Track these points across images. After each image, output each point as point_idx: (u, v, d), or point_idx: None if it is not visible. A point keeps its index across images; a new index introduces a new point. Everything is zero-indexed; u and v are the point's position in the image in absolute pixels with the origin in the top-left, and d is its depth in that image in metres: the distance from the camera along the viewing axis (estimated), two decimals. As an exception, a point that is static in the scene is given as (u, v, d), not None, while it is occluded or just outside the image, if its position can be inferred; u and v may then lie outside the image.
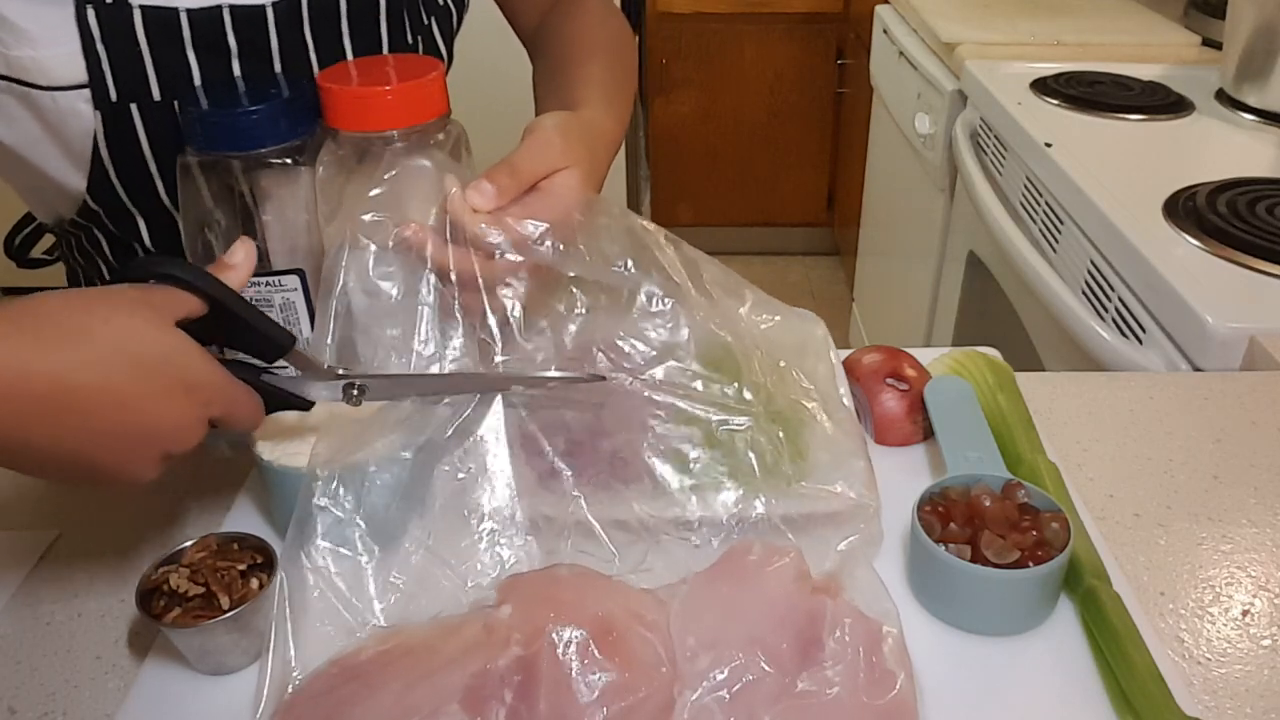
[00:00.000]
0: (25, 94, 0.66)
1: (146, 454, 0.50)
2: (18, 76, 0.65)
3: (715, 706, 0.50)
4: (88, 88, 0.66)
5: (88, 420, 0.47)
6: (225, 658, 0.55)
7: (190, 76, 0.68)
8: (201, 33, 0.68)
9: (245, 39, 0.70)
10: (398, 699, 0.50)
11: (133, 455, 0.49)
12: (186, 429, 0.51)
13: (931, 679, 0.54)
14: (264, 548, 0.57)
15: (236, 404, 0.54)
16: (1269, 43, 1.35)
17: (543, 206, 0.62)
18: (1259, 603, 0.60)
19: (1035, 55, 1.60)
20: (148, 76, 0.67)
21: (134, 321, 0.49)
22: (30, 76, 0.65)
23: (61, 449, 0.47)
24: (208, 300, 0.53)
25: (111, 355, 0.47)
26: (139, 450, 0.49)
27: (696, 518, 0.61)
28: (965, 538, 0.58)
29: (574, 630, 0.52)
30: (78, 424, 0.47)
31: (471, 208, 0.61)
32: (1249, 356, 0.85)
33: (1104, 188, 1.12)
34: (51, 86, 0.66)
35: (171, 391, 0.49)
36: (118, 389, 0.47)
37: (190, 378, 0.50)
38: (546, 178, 0.64)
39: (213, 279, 0.53)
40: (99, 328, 0.48)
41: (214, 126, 0.63)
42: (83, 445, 0.48)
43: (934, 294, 1.78)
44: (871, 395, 0.73)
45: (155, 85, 0.68)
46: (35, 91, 0.66)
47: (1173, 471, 0.72)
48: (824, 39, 2.86)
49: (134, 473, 0.50)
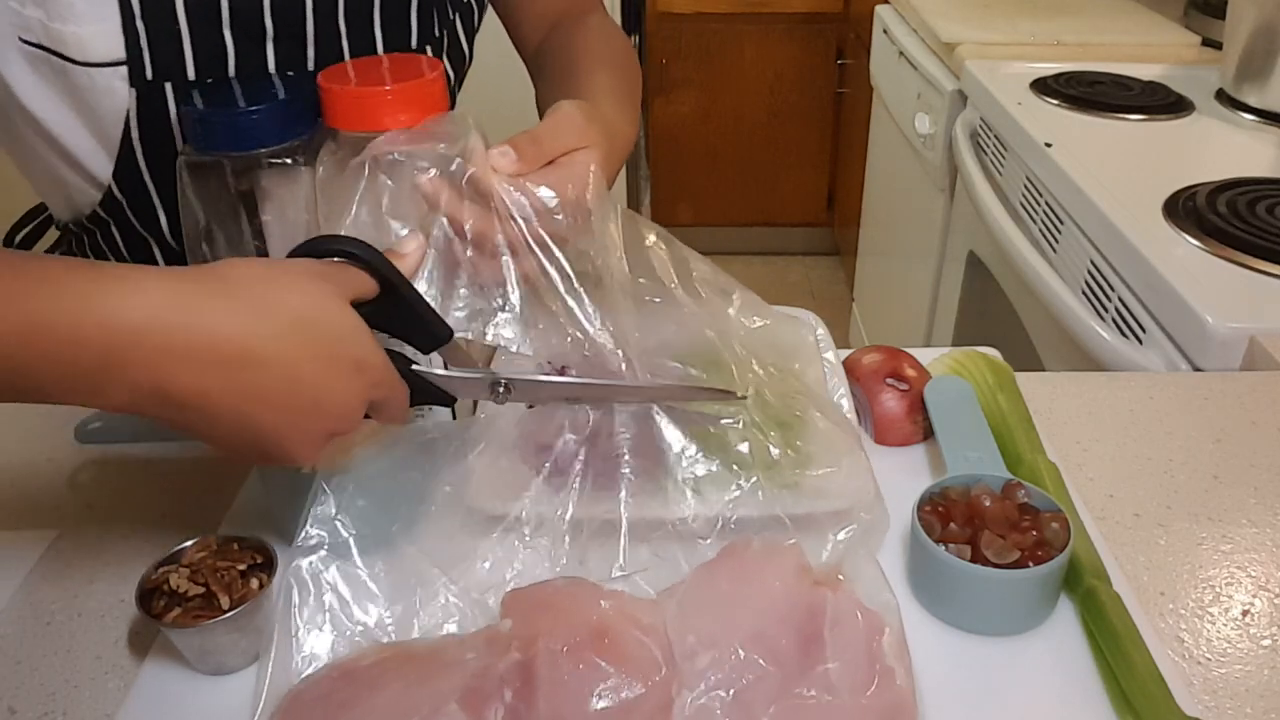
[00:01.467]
0: (63, 69, 0.66)
1: (313, 430, 0.50)
2: (57, 49, 0.66)
3: (715, 706, 0.50)
4: (125, 65, 0.67)
5: (264, 389, 0.47)
6: (225, 658, 0.55)
7: (225, 58, 0.69)
8: (240, 14, 0.69)
9: (282, 23, 0.71)
10: (397, 700, 0.50)
11: (300, 430, 0.49)
12: (351, 410, 0.51)
13: (931, 679, 0.54)
14: (264, 548, 0.57)
15: (394, 392, 0.54)
16: (1269, 43, 1.35)
17: (560, 179, 0.62)
18: (1259, 603, 0.60)
19: (1035, 55, 1.60)
20: (184, 55, 0.68)
21: (315, 297, 0.49)
22: (69, 51, 0.66)
23: (237, 413, 0.47)
24: (381, 282, 0.53)
25: (291, 327, 0.48)
26: (307, 425, 0.50)
27: (696, 516, 0.61)
28: (965, 538, 0.58)
29: (571, 634, 0.52)
30: (255, 390, 0.47)
31: (492, 168, 0.61)
32: (1249, 356, 0.85)
33: (1104, 188, 1.12)
34: (89, 62, 0.66)
35: (343, 370, 0.50)
36: (295, 361, 0.48)
37: (361, 359, 0.50)
38: (566, 154, 0.63)
39: (388, 262, 0.53)
40: (282, 298, 0.48)
41: (214, 126, 0.63)
42: (256, 412, 0.48)
43: (934, 294, 1.78)
44: (871, 395, 0.73)
45: (191, 64, 0.68)
46: (72, 67, 0.66)
47: (1173, 471, 0.72)
48: (824, 39, 2.86)
49: (299, 448, 0.50)
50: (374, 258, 0.53)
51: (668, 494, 0.62)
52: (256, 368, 0.47)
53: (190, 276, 0.47)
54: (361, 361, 0.51)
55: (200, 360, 0.45)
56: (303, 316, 0.48)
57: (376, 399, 0.53)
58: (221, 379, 0.46)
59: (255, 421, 0.48)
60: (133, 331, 0.44)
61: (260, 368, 0.47)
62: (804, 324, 0.81)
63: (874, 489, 0.63)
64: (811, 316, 0.83)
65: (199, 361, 0.45)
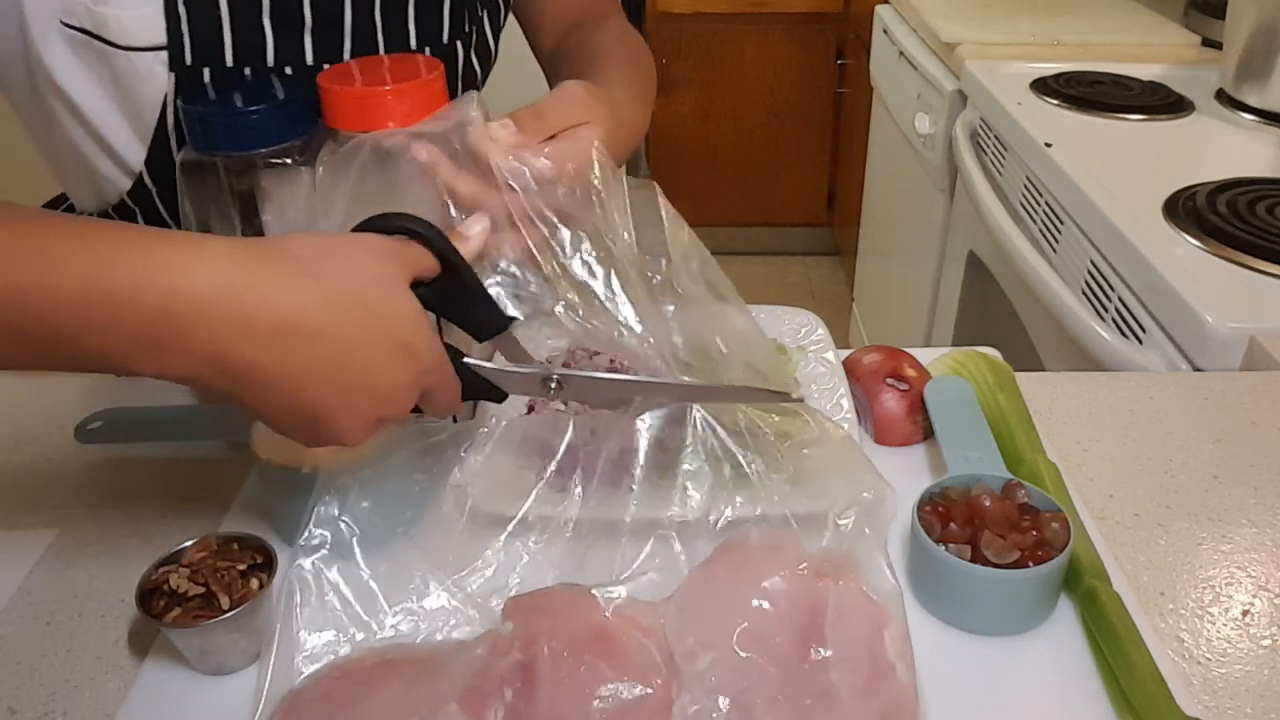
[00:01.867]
0: (103, 52, 0.67)
1: (362, 411, 0.49)
2: (99, 33, 0.66)
3: (714, 708, 0.50)
4: (165, 50, 0.67)
5: (316, 364, 0.47)
6: (225, 658, 0.55)
7: (264, 46, 0.70)
8: (280, 4, 0.69)
9: (321, 14, 0.71)
10: (397, 699, 0.50)
11: (348, 409, 0.49)
12: (401, 395, 0.50)
13: (931, 679, 0.53)
14: (264, 548, 0.57)
15: (445, 383, 0.54)
16: (1269, 43, 1.35)
17: (560, 151, 0.62)
18: (1259, 603, 0.60)
19: (1035, 55, 1.60)
20: (224, 42, 0.68)
21: (375, 276, 0.49)
22: (110, 34, 0.66)
23: (288, 387, 0.47)
24: (443, 262, 0.52)
25: (348, 303, 0.48)
26: (355, 405, 0.49)
27: (698, 516, 0.61)
28: (965, 538, 0.58)
29: (572, 635, 0.52)
30: (307, 365, 0.47)
31: (491, 138, 0.60)
32: (1249, 356, 0.85)
33: (1104, 188, 1.12)
34: (130, 46, 0.66)
35: (395, 353, 0.49)
36: (348, 336, 0.47)
37: (415, 344, 0.50)
38: (569, 129, 0.63)
39: (450, 242, 0.53)
40: (342, 274, 0.48)
41: (215, 126, 0.63)
42: (307, 387, 0.47)
43: (934, 294, 1.78)
44: (871, 395, 0.73)
45: (230, 52, 0.69)
46: (113, 51, 0.67)
47: (1173, 471, 0.72)
48: (824, 39, 2.86)
49: (346, 429, 0.50)
50: (437, 237, 0.52)
51: (670, 495, 0.62)
52: (310, 342, 0.46)
53: (253, 247, 0.47)
54: (414, 347, 0.50)
55: (258, 331, 0.45)
56: (361, 295, 0.48)
57: (427, 388, 0.52)
58: (276, 351, 0.46)
59: (306, 397, 0.48)
60: (195, 299, 0.44)
61: (314, 342, 0.46)
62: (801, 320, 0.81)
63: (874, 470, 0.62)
64: (811, 316, 0.83)
65: (257, 332, 0.45)
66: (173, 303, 0.44)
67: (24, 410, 0.79)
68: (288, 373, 0.47)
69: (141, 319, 0.43)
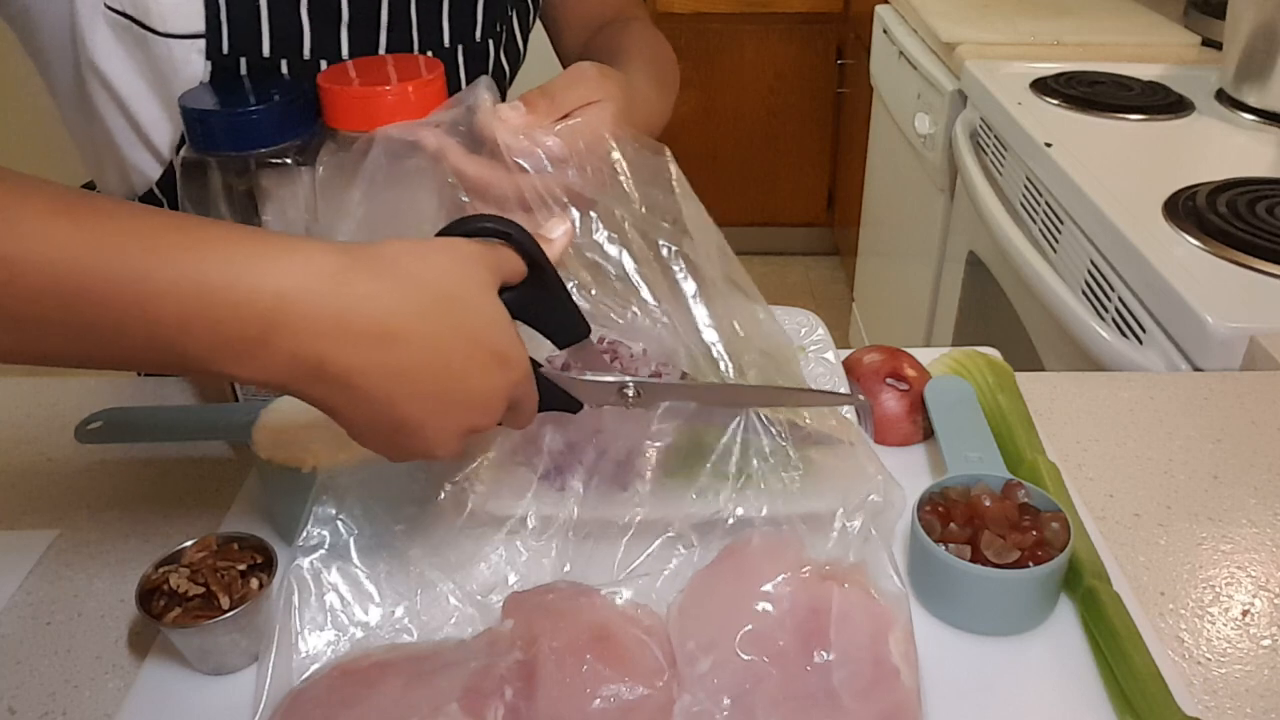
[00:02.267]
0: (142, 37, 0.67)
1: (454, 422, 0.48)
2: (139, 18, 0.67)
3: (715, 709, 0.50)
4: (203, 38, 0.68)
5: (412, 368, 0.46)
6: (225, 658, 0.55)
7: (301, 38, 0.70)
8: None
9: (358, 8, 0.72)
10: (397, 699, 0.50)
11: (442, 420, 0.48)
12: (493, 405, 0.49)
13: (932, 679, 0.53)
14: (264, 548, 0.57)
15: (529, 395, 0.52)
16: (1269, 43, 1.35)
17: (570, 130, 0.61)
18: (1259, 603, 0.60)
19: (1035, 55, 1.60)
20: (261, 33, 0.69)
21: (468, 283, 0.48)
22: (151, 20, 0.67)
23: (385, 396, 0.46)
24: (530, 265, 0.51)
25: (443, 309, 0.47)
26: (449, 415, 0.48)
27: (697, 518, 0.61)
28: (965, 538, 0.58)
29: (573, 634, 0.52)
30: (403, 369, 0.46)
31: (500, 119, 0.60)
32: (1249, 356, 0.85)
33: (1104, 188, 1.12)
34: (169, 33, 0.67)
35: (489, 362, 0.48)
36: (444, 344, 0.47)
37: (506, 353, 0.49)
38: (581, 108, 0.62)
39: (538, 244, 0.52)
40: (435, 278, 0.47)
41: (214, 126, 0.63)
42: (403, 397, 0.46)
43: (934, 294, 1.78)
44: (871, 395, 0.73)
45: (267, 42, 0.69)
46: (152, 37, 0.67)
47: (1173, 471, 0.72)
48: (824, 39, 2.86)
49: (437, 440, 0.49)
50: (525, 238, 0.51)
51: (675, 495, 0.62)
52: (408, 348, 0.46)
53: (349, 251, 0.46)
54: (507, 356, 0.49)
55: (358, 335, 0.45)
56: (456, 298, 0.47)
57: (515, 399, 0.51)
58: (375, 357, 0.45)
59: (401, 407, 0.47)
60: (296, 299, 0.43)
61: (411, 348, 0.46)
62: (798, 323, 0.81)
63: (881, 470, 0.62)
64: (811, 316, 0.83)
65: (357, 336, 0.45)
66: (280, 304, 0.43)
67: (24, 410, 0.79)
68: (385, 381, 0.46)
69: (247, 319, 0.43)
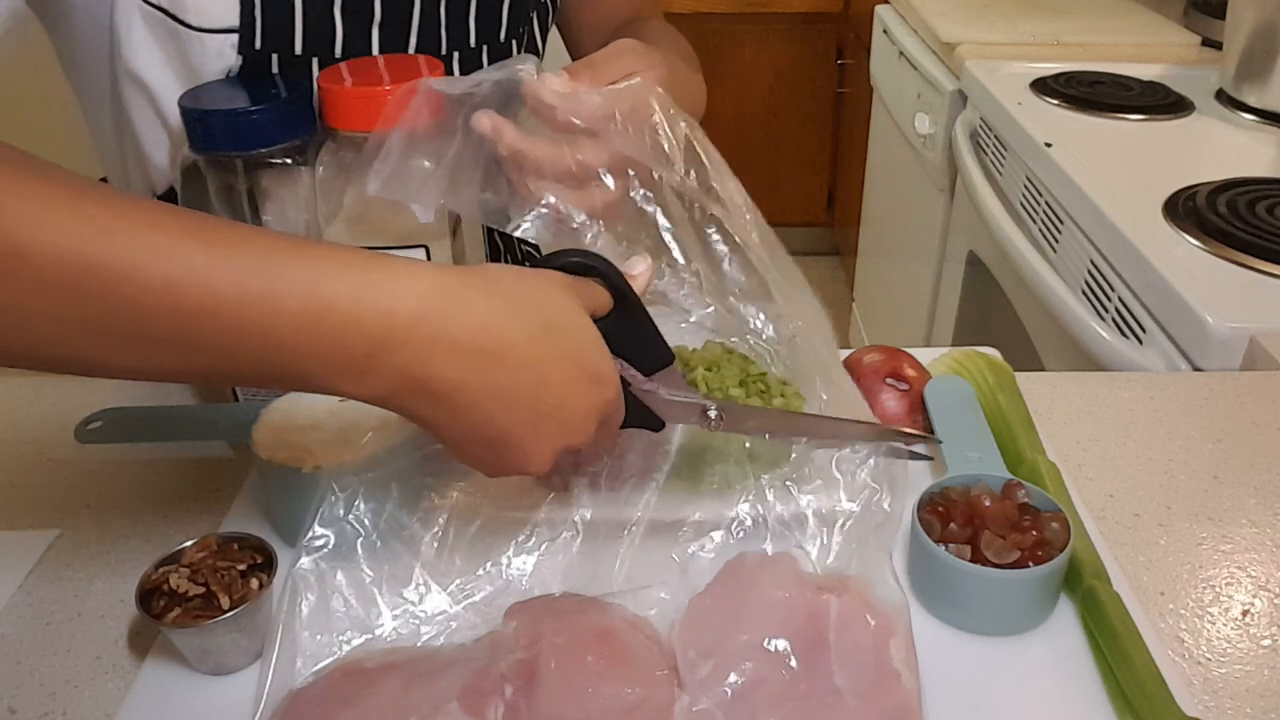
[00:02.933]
0: (175, 31, 0.68)
1: (550, 438, 0.49)
2: (173, 12, 0.67)
3: (717, 709, 0.50)
4: (237, 33, 0.68)
5: (514, 385, 0.47)
6: (225, 658, 0.55)
7: (334, 36, 0.70)
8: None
9: (390, 8, 0.72)
10: (397, 699, 0.50)
11: (538, 435, 0.49)
12: (587, 422, 0.50)
13: (931, 679, 0.53)
14: (264, 548, 0.57)
15: (618, 412, 0.54)
16: (1269, 43, 1.35)
17: (615, 93, 0.61)
18: (1259, 603, 0.60)
19: (1035, 55, 1.60)
20: (294, 30, 0.69)
21: (564, 303, 0.49)
22: (185, 14, 0.67)
23: (485, 411, 0.47)
24: (616, 298, 0.53)
25: (545, 330, 0.48)
26: (544, 431, 0.49)
27: (699, 519, 0.61)
28: (965, 538, 0.58)
29: (574, 634, 0.52)
30: (505, 385, 0.47)
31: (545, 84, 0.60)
32: (1249, 356, 0.85)
33: (1104, 188, 1.12)
34: (203, 28, 0.67)
35: (585, 380, 0.49)
36: (545, 363, 0.48)
37: (600, 373, 0.50)
38: (625, 77, 0.63)
39: (624, 278, 0.53)
40: (538, 299, 0.48)
41: (214, 126, 0.63)
42: (503, 413, 0.47)
43: (934, 294, 1.78)
44: (871, 395, 0.73)
45: (300, 40, 0.70)
46: (186, 31, 0.67)
47: (1173, 471, 0.72)
48: (824, 39, 2.86)
49: (533, 456, 0.49)
50: (613, 273, 0.53)
51: (676, 499, 0.62)
52: (511, 364, 0.47)
53: (456, 270, 0.47)
54: (601, 374, 0.50)
55: (466, 352, 0.45)
56: (555, 320, 0.48)
57: (605, 416, 0.52)
58: (480, 373, 0.46)
59: (500, 423, 0.48)
60: (410, 317, 0.44)
61: (514, 365, 0.47)
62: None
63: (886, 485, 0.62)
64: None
65: (465, 353, 0.45)
66: (388, 320, 0.44)
67: (24, 410, 0.79)
68: (487, 397, 0.47)
69: (357, 336, 0.43)
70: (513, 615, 0.55)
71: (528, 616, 0.54)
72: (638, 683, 0.50)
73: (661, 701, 0.50)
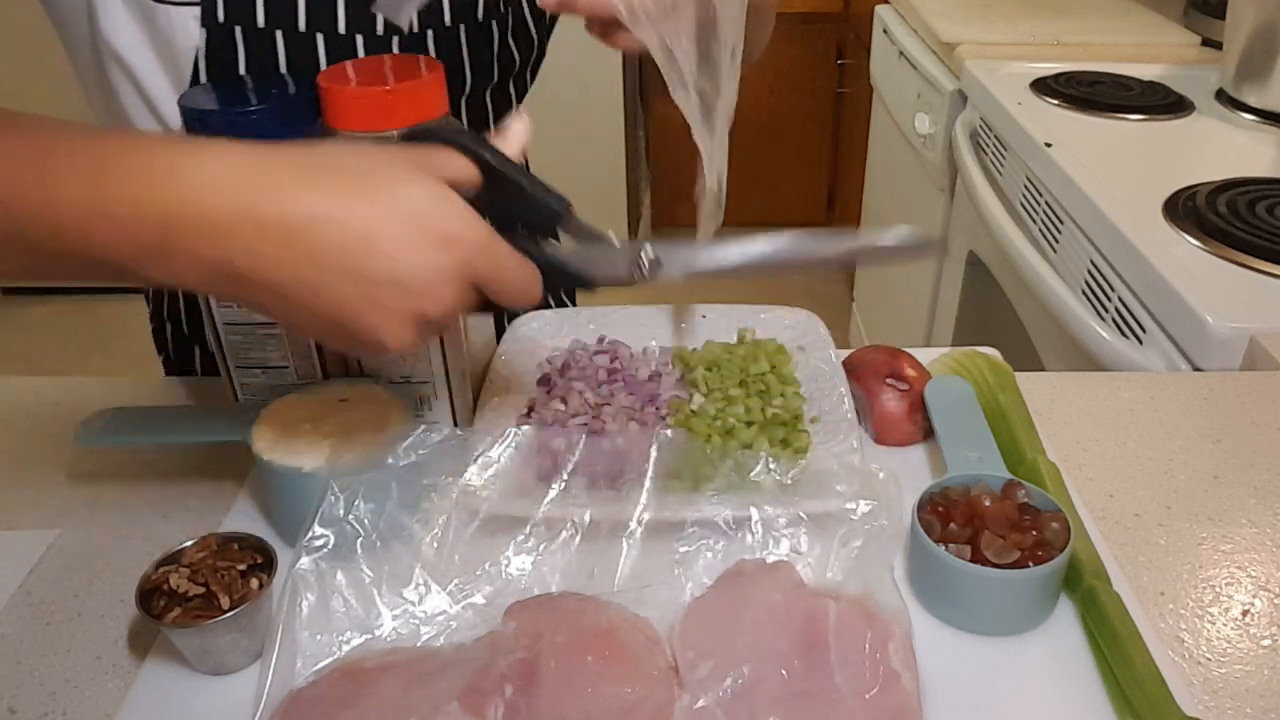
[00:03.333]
0: (147, 7, 0.68)
1: (396, 307, 0.46)
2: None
3: (717, 709, 0.50)
4: (199, 6, 0.68)
5: (332, 250, 0.45)
6: (225, 658, 0.55)
7: (296, 10, 0.70)
8: None
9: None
10: (397, 699, 0.50)
11: (380, 305, 0.46)
12: (440, 287, 0.47)
13: (932, 679, 0.53)
14: (264, 548, 0.57)
15: (503, 269, 0.50)
16: (1269, 43, 1.35)
17: None
18: (1259, 603, 0.60)
19: (1035, 55, 1.60)
20: (255, 2, 0.69)
21: (393, 165, 0.47)
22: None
23: (309, 285, 0.45)
24: (483, 166, 0.50)
25: (368, 187, 0.46)
26: (387, 300, 0.46)
27: (699, 519, 0.61)
28: (965, 538, 0.58)
29: (575, 634, 0.52)
30: (320, 254, 0.45)
31: None
32: (1249, 356, 0.85)
33: (1104, 188, 1.12)
34: (167, 0, 0.68)
35: (426, 242, 0.46)
36: (367, 221, 0.45)
37: (448, 230, 0.47)
38: None
39: (485, 141, 0.51)
40: (352, 164, 0.47)
41: (214, 126, 0.63)
42: (329, 282, 0.45)
43: (934, 294, 1.78)
44: (871, 395, 0.73)
45: (261, 12, 0.70)
46: (154, 5, 0.68)
47: (1173, 471, 0.72)
48: (824, 39, 2.86)
49: (382, 327, 0.47)
50: (468, 139, 0.50)
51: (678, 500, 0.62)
52: (325, 230, 0.44)
53: (267, 148, 0.46)
54: (447, 234, 0.47)
55: (275, 227, 0.44)
56: (375, 182, 0.46)
57: (481, 277, 0.49)
58: (292, 246, 0.44)
59: (331, 294, 0.45)
60: (195, 207, 0.43)
61: (329, 230, 0.45)
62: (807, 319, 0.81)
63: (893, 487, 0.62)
64: (811, 316, 0.83)
65: (264, 230, 0.44)
66: (172, 212, 0.43)
67: (24, 410, 0.79)
68: (303, 271, 0.45)
69: (142, 230, 0.43)
70: (512, 615, 0.55)
71: (527, 616, 0.54)
72: (637, 682, 0.50)
73: (661, 701, 0.50)
